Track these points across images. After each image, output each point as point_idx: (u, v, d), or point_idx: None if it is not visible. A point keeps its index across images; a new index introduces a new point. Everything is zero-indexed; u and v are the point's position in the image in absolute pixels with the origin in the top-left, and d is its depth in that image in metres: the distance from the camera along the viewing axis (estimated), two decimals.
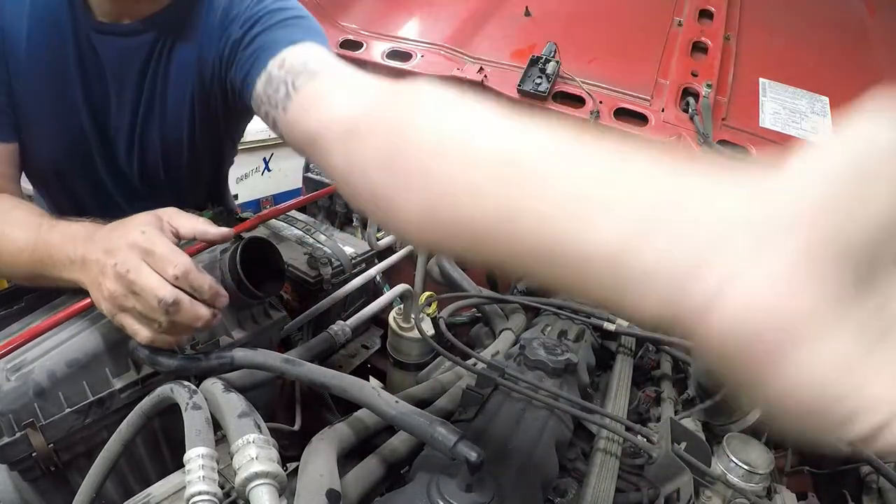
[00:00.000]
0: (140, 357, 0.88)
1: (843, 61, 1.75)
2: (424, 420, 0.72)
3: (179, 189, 1.26)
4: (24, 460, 0.82)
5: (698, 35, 1.72)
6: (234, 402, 0.74)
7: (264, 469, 0.64)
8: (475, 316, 1.55)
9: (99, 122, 1.11)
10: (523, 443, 0.83)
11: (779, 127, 1.54)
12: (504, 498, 0.69)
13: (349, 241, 1.60)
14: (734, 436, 0.90)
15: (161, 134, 1.13)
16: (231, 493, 0.68)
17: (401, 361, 1.47)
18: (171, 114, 1.12)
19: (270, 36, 0.94)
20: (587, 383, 1.17)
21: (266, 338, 1.09)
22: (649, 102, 1.57)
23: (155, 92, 1.09)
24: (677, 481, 0.83)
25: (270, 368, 0.86)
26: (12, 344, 0.81)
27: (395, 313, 1.48)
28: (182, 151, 1.17)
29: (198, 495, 0.62)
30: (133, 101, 1.09)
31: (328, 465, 0.72)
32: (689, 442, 0.86)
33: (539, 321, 1.38)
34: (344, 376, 0.82)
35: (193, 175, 1.26)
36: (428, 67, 1.69)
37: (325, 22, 1.84)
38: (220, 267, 0.98)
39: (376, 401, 0.77)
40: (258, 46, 0.94)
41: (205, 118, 1.14)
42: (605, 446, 0.90)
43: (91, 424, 0.87)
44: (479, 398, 0.91)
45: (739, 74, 1.65)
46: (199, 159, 1.22)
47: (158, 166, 1.18)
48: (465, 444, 0.67)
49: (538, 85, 1.56)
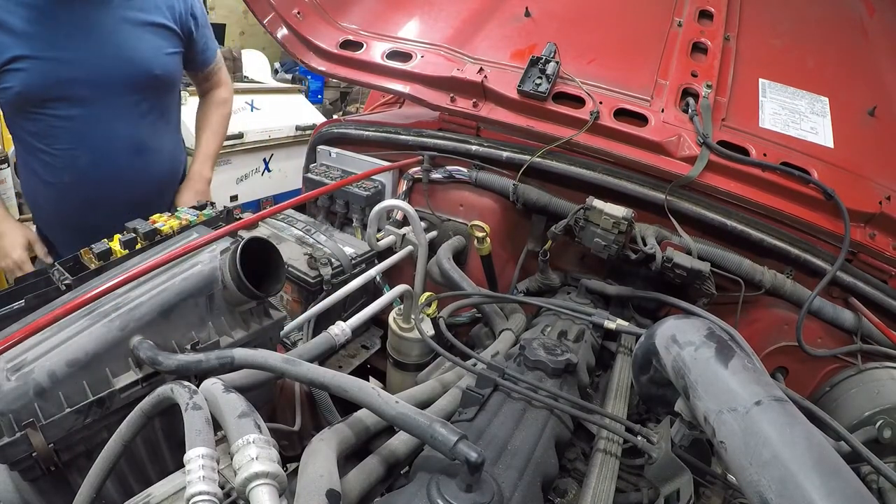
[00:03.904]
0: (141, 357, 0.88)
1: (843, 61, 1.75)
2: (424, 420, 0.72)
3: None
4: (24, 460, 0.82)
5: (698, 35, 1.72)
6: (234, 402, 0.74)
7: (264, 469, 0.64)
8: (475, 316, 1.55)
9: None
10: (523, 443, 0.83)
11: (779, 127, 1.54)
12: (504, 498, 0.69)
13: (349, 242, 1.60)
14: None
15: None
16: (231, 493, 0.68)
17: (400, 362, 1.47)
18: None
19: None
20: (587, 383, 1.17)
21: (266, 338, 1.09)
22: (649, 103, 1.57)
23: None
24: (677, 481, 0.83)
25: (270, 368, 0.86)
26: (12, 339, 0.81)
27: (395, 314, 1.48)
28: None
29: (198, 495, 0.62)
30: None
31: (328, 465, 0.72)
32: (688, 442, 0.86)
33: (539, 321, 1.38)
34: (344, 376, 0.82)
35: None
36: (428, 68, 1.69)
37: (325, 22, 1.84)
38: (221, 266, 0.99)
39: (376, 401, 0.77)
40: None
41: None
42: (605, 446, 0.89)
43: (91, 424, 0.87)
44: (479, 398, 0.91)
45: (739, 75, 1.65)
46: None
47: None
48: (465, 444, 0.67)
49: (538, 85, 1.56)
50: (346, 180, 1.61)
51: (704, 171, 1.44)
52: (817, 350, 1.39)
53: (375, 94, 2.86)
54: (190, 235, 1.16)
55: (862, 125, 1.58)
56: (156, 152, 1.83)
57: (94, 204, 1.74)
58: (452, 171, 1.66)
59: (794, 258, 1.42)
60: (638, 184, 1.49)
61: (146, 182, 1.81)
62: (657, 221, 1.48)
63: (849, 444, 0.89)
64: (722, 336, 0.81)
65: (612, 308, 1.51)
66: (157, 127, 1.83)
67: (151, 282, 0.97)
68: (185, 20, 1.80)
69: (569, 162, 1.54)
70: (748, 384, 0.70)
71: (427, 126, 1.77)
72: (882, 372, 1.29)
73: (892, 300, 1.40)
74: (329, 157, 1.87)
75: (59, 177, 1.70)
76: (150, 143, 1.80)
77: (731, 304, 1.42)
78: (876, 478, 1.01)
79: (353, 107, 6.64)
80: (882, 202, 1.42)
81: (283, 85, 4.58)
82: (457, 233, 1.65)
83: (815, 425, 0.66)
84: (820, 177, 1.43)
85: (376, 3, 1.94)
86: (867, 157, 1.52)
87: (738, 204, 1.47)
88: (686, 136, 1.48)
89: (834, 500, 0.55)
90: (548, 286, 1.59)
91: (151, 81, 1.74)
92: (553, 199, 1.56)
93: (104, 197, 1.74)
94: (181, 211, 1.32)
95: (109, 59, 1.63)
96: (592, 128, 1.53)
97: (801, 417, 0.66)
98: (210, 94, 2.09)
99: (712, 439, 0.70)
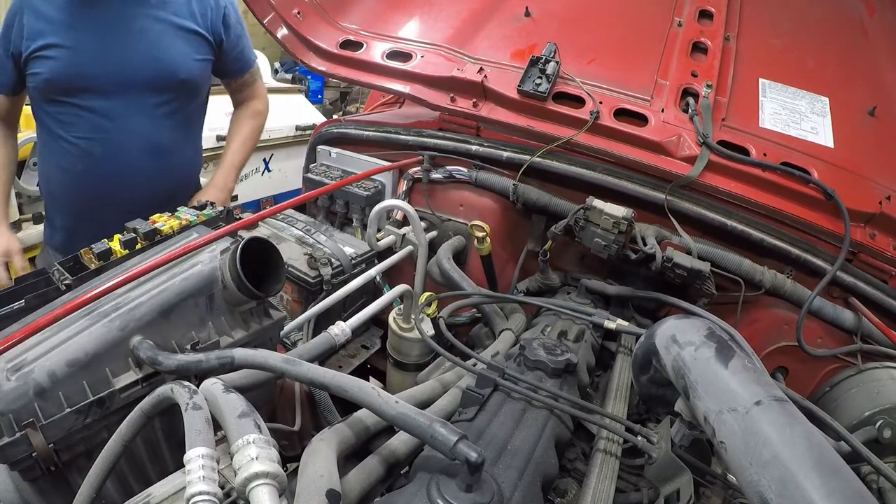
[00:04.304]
0: (141, 357, 0.88)
1: (843, 61, 1.75)
2: (424, 420, 0.72)
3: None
4: (24, 460, 0.82)
5: (698, 35, 1.72)
6: (234, 403, 0.74)
7: (264, 469, 0.64)
8: (475, 316, 1.55)
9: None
10: (523, 443, 0.83)
11: (779, 127, 1.54)
12: (504, 498, 0.69)
13: (349, 242, 1.60)
14: None
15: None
16: (231, 493, 0.68)
17: (400, 362, 1.47)
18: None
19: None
20: (587, 383, 1.17)
21: (266, 338, 1.09)
22: (649, 103, 1.57)
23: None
24: (677, 481, 0.83)
25: (270, 368, 0.86)
26: (12, 339, 0.81)
27: (395, 313, 1.48)
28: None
29: (198, 495, 0.62)
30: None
31: (328, 465, 0.72)
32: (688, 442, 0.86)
33: (539, 321, 1.38)
34: (344, 376, 0.82)
35: None
36: (428, 68, 1.69)
37: (325, 22, 1.84)
38: (220, 266, 0.99)
39: (376, 401, 0.77)
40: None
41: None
42: (605, 446, 0.89)
43: (91, 424, 0.87)
44: (479, 398, 0.91)
45: (739, 74, 1.65)
46: None
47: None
48: (465, 444, 0.67)
49: (538, 85, 1.56)
50: (346, 180, 1.61)
51: (704, 171, 1.44)
52: (817, 350, 1.39)
53: (375, 94, 2.86)
54: (190, 235, 1.16)
55: (862, 125, 1.58)
56: (171, 156, 1.83)
57: (102, 197, 1.75)
58: (452, 171, 1.66)
59: (795, 258, 1.42)
60: (638, 184, 1.49)
61: (158, 184, 1.81)
62: (657, 221, 1.48)
63: (849, 444, 0.89)
64: (722, 336, 0.81)
65: (612, 308, 1.51)
66: (176, 132, 1.83)
67: (151, 282, 0.97)
68: (216, 27, 1.81)
69: (569, 162, 1.54)
70: (748, 384, 0.70)
71: (427, 126, 1.77)
72: (882, 372, 1.29)
73: (892, 300, 1.40)
74: (329, 157, 1.87)
75: (73, 164, 1.73)
76: (167, 147, 1.80)
77: (731, 304, 1.42)
78: (876, 478, 1.01)
79: (353, 107, 6.64)
80: (882, 202, 1.42)
81: (283, 85, 4.57)
82: (457, 233, 1.65)
83: (815, 425, 0.66)
84: (820, 177, 1.43)
85: (376, 3, 1.94)
86: (867, 157, 1.52)
87: (738, 204, 1.47)
88: (686, 135, 1.48)
89: (834, 500, 0.55)
90: (548, 286, 1.59)
91: (176, 85, 1.75)
92: (553, 199, 1.56)
93: (113, 191, 1.75)
94: (181, 211, 1.32)
95: (137, 57, 1.66)
96: (592, 128, 1.53)
97: (801, 417, 0.66)
98: (244, 105, 2.08)
99: (712, 439, 0.70)
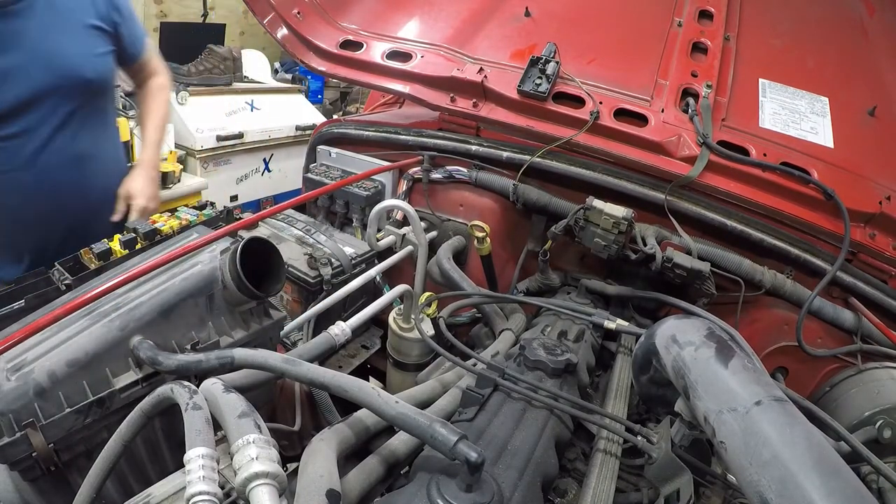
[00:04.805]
0: (141, 357, 0.88)
1: (843, 61, 1.75)
2: (424, 420, 0.72)
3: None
4: (24, 460, 0.82)
5: (698, 35, 1.72)
6: (234, 403, 0.74)
7: (264, 469, 0.64)
8: (475, 316, 1.55)
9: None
10: (523, 443, 0.83)
11: (779, 127, 1.54)
12: (504, 498, 0.69)
13: (349, 242, 1.60)
14: None
15: None
16: (231, 493, 0.68)
17: (400, 362, 1.47)
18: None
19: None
20: (587, 383, 1.17)
21: (266, 338, 1.09)
22: (649, 103, 1.57)
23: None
24: (677, 481, 0.83)
25: (270, 368, 0.86)
26: (12, 339, 0.81)
27: (395, 314, 1.48)
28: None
29: (198, 495, 0.62)
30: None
31: (328, 465, 0.72)
32: (688, 442, 0.86)
33: (539, 321, 1.38)
34: (344, 376, 0.82)
35: None
36: (428, 68, 1.69)
37: (325, 22, 1.84)
38: (220, 266, 0.99)
39: (376, 401, 0.77)
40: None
41: None
42: (605, 446, 0.89)
43: (91, 424, 0.87)
44: (479, 398, 0.91)
45: (739, 75, 1.65)
46: None
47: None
48: (465, 444, 0.67)
49: (538, 85, 1.56)
50: (346, 180, 1.61)
51: (704, 171, 1.44)
52: (817, 350, 1.39)
53: (375, 94, 2.86)
54: (190, 235, 1.16)
55: (862, 125, 1.58)
56: (95, 160, 1.74)
57: (37, 221, 1.66)
58: (452, 171, 1.66)
59: (794, 258, 1.42)
60: (638, 184, 1.49)
61: (89, 190, 1.73)
62: (657, 221, 1.48)
63: (849, 444, 0.89)
64: (722, 336, 0.81)
65: (612, 308, 1.51)
66: (96, 134, 1.75)
67: (151, 282, 0.97)
68: (109, 15, 1.69)
69: (569, 162, 1.54)
70: (748, 384, 0.70)
71: (427, 126, 1.77)
72: (882, 372, 1.29)
73: (892, 300, 1.40)
74: (329, 157, 1.87)
75: (5, 199, 1.60)
76: (90, 153, 1.72)
77: (731, 304, 1.42)
78: (876, 478, 1.01)
79: (353, 107, 6.63)
80: (882, 202, 1.42)
81: (283, 85, 4.56)
82: (457, 233, 1.65)
83: (815, 425, 0.66)
84: (820, 177, 1.43)
85: (376, 3, 1.94)
86: (867, 157, 1.52)
87: (738, 204, 1.47)
88: (686, 136, 1.48)
89: (834, 500, 0.55)
90: (548, 286, 1.59)
91: (85, 86, 1.64)
92: (553, 199, 1.56)
93: (50, 212, 1.66)
94: (181, 211, 1.32)
95: (39, 70, 1.53)
96: (592, 128, 1.53)
97: (801, 417, 0.66)
98: (147, 84, 1.97)
99: (712, 439, 0.70)
